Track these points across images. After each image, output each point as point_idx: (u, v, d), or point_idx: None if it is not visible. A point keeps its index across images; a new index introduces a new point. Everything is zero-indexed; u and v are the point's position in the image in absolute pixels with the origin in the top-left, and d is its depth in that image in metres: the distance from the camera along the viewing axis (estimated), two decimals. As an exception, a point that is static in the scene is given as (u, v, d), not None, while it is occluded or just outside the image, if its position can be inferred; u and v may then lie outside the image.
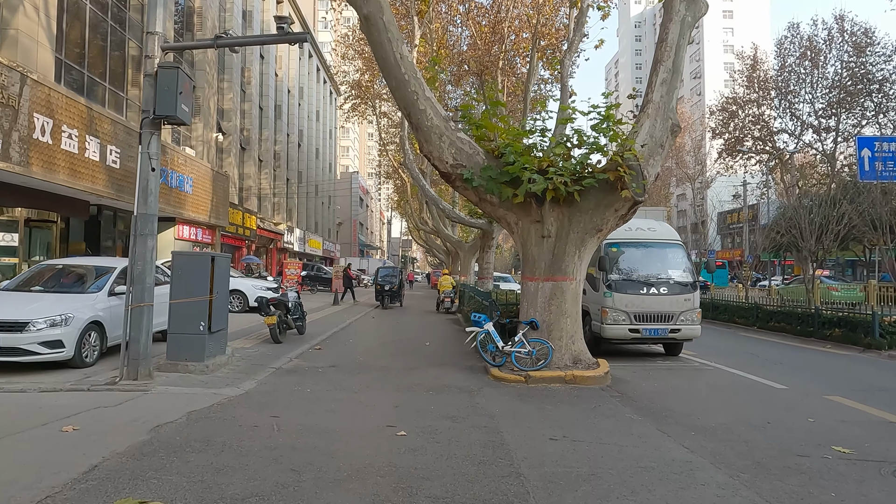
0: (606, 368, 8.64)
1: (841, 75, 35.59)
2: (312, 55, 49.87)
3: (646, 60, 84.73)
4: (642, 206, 10.61)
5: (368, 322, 17.71)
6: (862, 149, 24.68)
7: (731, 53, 72.06)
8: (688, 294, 10.69)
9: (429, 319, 19.05)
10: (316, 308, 21.41)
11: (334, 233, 59.94)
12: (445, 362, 10.07)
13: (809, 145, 39.79)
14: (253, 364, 9.38)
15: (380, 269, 23.80)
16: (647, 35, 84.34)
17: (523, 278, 9.64)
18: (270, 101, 39.20)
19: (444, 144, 9.28)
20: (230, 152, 31.99)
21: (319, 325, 15.98)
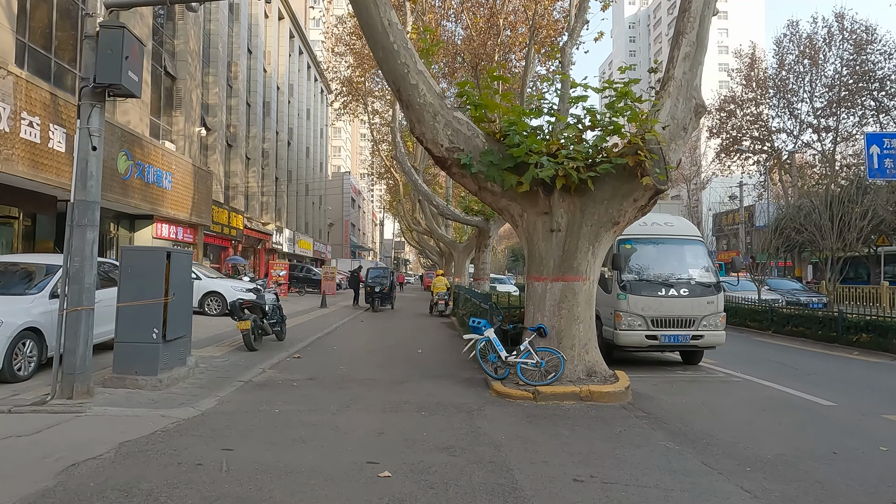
0: (626, 382, 7.41)
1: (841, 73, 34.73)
2: (303, 52, 48.57)
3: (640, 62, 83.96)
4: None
5: (356, 326, 16.44)
6: (870, 146, 23.62)
7: (727, 54, 71.36)
8: (711, 296, 9.50)
9: (421, 323, 17.81)
10: (302, 311, 20.12)
11: (325, 234, 58.54)
12: (440, 373, 8.82)
13: (808, 145, 38.90)
14: (218, 377, 8.09)
15: (370, 270, 22.55)
16: (640, 36, 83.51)
17: (529, 278, 8.42)
18: (259, 98, 37.86)
19: (439, 125, 8.05)
20: (216, 149, 30.64)
21: (303, 329, 14.69)
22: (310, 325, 15.64)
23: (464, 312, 15.63)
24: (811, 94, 36.59)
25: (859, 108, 35.24)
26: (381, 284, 21.53)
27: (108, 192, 17.43)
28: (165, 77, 23.34)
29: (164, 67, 23.07)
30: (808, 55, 36.41)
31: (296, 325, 15.34)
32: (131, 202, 18.58)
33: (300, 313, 19.17)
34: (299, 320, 16.89)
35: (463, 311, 15.93)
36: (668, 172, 7.95)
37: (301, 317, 17.94)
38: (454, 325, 16.89)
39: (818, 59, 36.02)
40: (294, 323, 15.88)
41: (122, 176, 17.96)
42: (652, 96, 8.45)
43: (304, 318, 17.49)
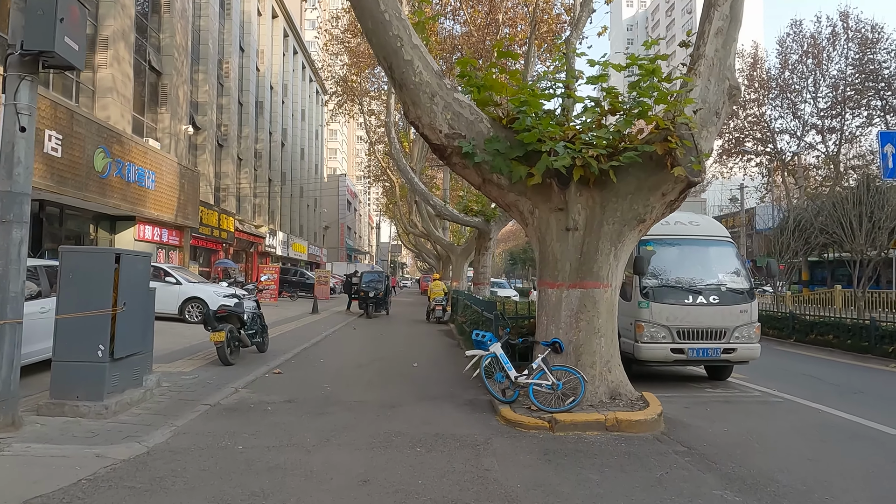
0: (658, 408, 6.26)
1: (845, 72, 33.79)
2: (298, 51, 47.48)
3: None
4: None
5: (348, 334, 15.27)
6: (885, 144, 22.52)
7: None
8: (744, 304, 8.37)
9: (418, 331, 16.65)
10: (292, 317, 18.94)
11: (320, 237, 57.35)
12: (438, 394, 7.66)
13: (812, 146, 37.93)
14: (181, 399, 6.92)
15: (364, 274, 21.38)
16: (638, 39, 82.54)
17: (541, 284, 7.27)
18: (251, 97, 36.71)
19: (437, 107, 6.92)
20: (205, 149, 29.47)
21: (289, 338, 13.52)
22: (297, 334, 14.46)
23: (463, 320, 14.49)
24: (815, 95, 35.63)
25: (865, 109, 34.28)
26: (375, 289, 20.38)
27: (84, 192, 16.25)
28: (150, 72, 22.18)
29: (149, 62, 21.92)
30: (812, 55, 35.45)
31: (282, 334, 14.18)
32: (110, 202, 17.40)
33: (289, 320, 17.99)
34: (287, 328, 15.72)
35: (462, 318, 14.79)
36: (702, 163, 6.84)
37: (289, 324, 16.76)
38: (452, 333, 15.74)
39: (822, 58, 35.07)
40: (280, 331, 14.72)
41: (99, 174, 16.78)
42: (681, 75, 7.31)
43: (293, 326, 16.31)
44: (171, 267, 15.97)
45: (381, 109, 38.81)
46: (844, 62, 34.37)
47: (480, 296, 16.26)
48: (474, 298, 12.96)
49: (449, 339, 14.53)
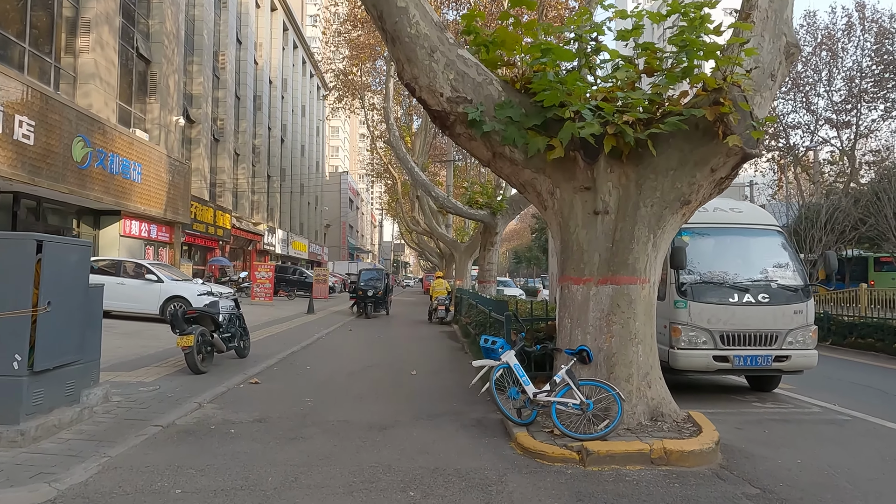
0: (714, 434, 4.98)
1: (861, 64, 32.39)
2: (298, 46, 46.31)
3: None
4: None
5: (343, 337, 14.03)
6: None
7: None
8: (798, 304, 7.09)
9: (418, 333, 15.40)
10: (285, 318, 17.71)
11: (322, 235, 56.18)
12: (439, 411, 6.40)
13: (825, 141, 36.52)
14: (127, 419, 5.69)
15: (362, 272, 20.14)
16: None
17: (563, 280, 6.01)
18: (249, 91, 35.55)
19: (438, 66, 5.68)
20: (200, 142, 28.31)
21: (277, 341, 12.29)
22: (287, 336, 13.22)
23: (467, 321, 13.25)
24: (829, 88, 34.23)
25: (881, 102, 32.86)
26: (374, 288, 19.13)
27: (61, 183, 15.02)
28: (138, 60, 20.98)
29: (137, 49, 20.72)
30: (826, 47, 34.05)
31: (270, 337, 12.95)
32: (91, 195, 16.19)
33: (282, 321, 16.76)
34: (277, 329, 14.49)
35: (467, 319, 13.54)
36: (761, 130, 5.57)
37: (281, 325, 15.53)
38: (456, 335, 14.50)
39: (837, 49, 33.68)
40: (269, 334, 13.50)
41: (78, 164, 15.58)
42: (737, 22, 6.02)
43: (284, 327, 15.08)
44: (152, 263, 14.76)
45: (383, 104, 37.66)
46: (860, 54, 32.97)
47: (486, 294, 15.02)
48: (480, 297, 11.70)
49: (452, 341, 13.28)
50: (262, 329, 14.26)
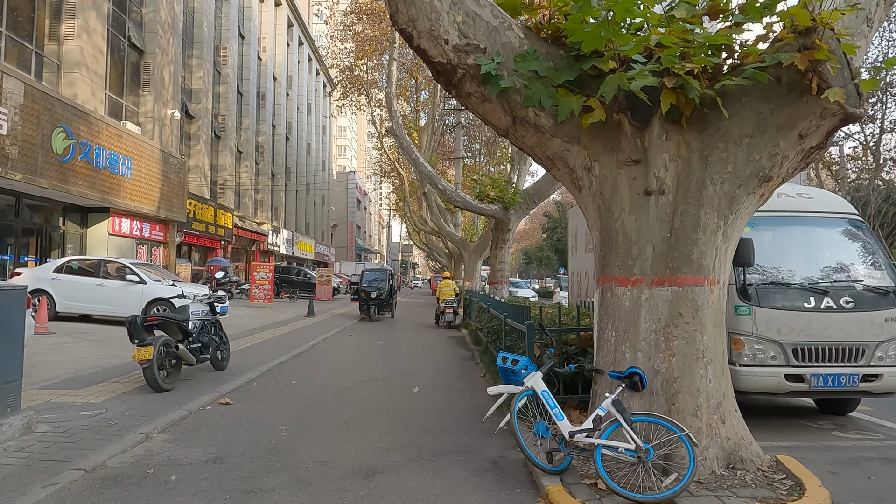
0: (823, 495, 3.61)
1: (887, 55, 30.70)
2: (303, 42, 45.19)
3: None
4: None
5: (340, 343, 12.73)
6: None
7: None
8: (890, 310, 5.69)
9: (424, 338, 14.09)
10: (282, 321, 16.45)
11: (328, 235, 55.05)
12: (444, 446, 5.06)
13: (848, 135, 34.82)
14: (43, 458, 4.40)
15: (365, 273, 18.86)
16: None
17: (604, 280, 4.64)
18: (252, 87, 34.42)
19: (442, 3, 4.36)
20: (199, 139, 27.19)
21: (266, 349, 11.01)
22: (279, 343, 11.94)
23: (478, 326, 11.92)
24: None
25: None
26: (378, 289, 17.83)
27: (40, 176, 13.82)
28: (130, 49, 19.83)
29: (129, 38, 19.57)
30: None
31: (259, 343, 11.68)
32: (73, 189, 15.00)
33: (278, 324, 15.50)
34: (270, 334, 13.23)
35: (477, 323, 12.21)
36: (858, 88, 4.20)
37: (275, 330, 14.27)
38: (465, 342, 13.18)
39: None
40: (259, 339, 12.23)
41: (59, 157, 14.38)
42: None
43: (278, 332, 13.81)
44: (135, 263, 13.54)
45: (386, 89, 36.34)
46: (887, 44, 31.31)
47: (498, 296, 13.69)
48: (493, 301, 10.33)
49: (461, 348, 11.96)
50: (254, 334, 13.01)
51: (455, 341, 13.26)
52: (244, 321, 15.71)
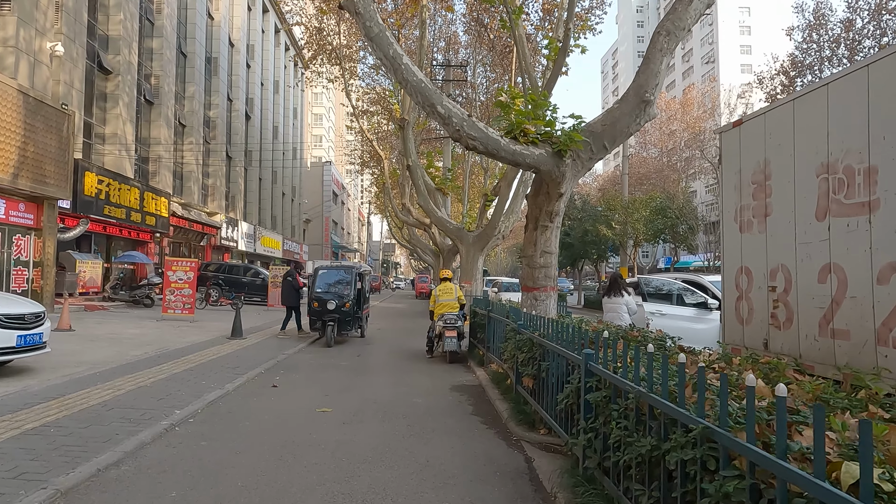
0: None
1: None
2: (269, 10, 38.45)
3: (649, 48, 74.31)
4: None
5: (244, 410, 6.37)
6: None
7: (748, 35, 62.06)
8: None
9: (411, 388, 7.84)
10: (184, 348, 9.94)
11: (300, 231, 48.31)
12: None
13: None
14: None
15: (319, 272, 12.28)
16: (650, 20, 74.05)
17: None
18: (200, 49, 27.71)
19: None
20: (118, 100, 20.49)
21: (105, 423, 4.56)
22: (107, 415, 5.50)
23: (511, 364, 5.74)
24: None
25: None
26: (338, 297, 11.44)
27: None
28: (-24, -56, 13.23)
29: (-27, -74, 12.97)
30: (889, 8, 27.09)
31: (96, 407, 5.23)
32: None
33: (167, 356, 9.01)
34: (127, 384, 6.75)
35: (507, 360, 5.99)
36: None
37: (151, 370, 7.79)
38: (483, 392, 6.99)
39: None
40: (86, 402, 5.78)
41: None
42: None
43: (151, 376, 7.33)
44: None
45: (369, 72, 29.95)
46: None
47: (540, 312, 7.50)
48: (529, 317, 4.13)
49: (484, 416, 5.75)
50: (93, 387, 6.55)
51: (470, 398, 6.99)
52: (114, 350, 9.26)
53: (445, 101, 7.02)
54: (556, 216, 7.95)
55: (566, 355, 4.16)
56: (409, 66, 7.19)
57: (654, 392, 2.68)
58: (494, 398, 6.59)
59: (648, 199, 25.68)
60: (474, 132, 6.94)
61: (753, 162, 4.76)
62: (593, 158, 7.88)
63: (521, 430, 5.19)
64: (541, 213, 7.93)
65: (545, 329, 4.99)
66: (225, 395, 6.72)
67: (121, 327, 12.50)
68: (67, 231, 18.03)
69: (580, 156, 7.63)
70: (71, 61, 17.52)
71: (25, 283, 13.94)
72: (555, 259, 8.14)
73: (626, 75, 76.26)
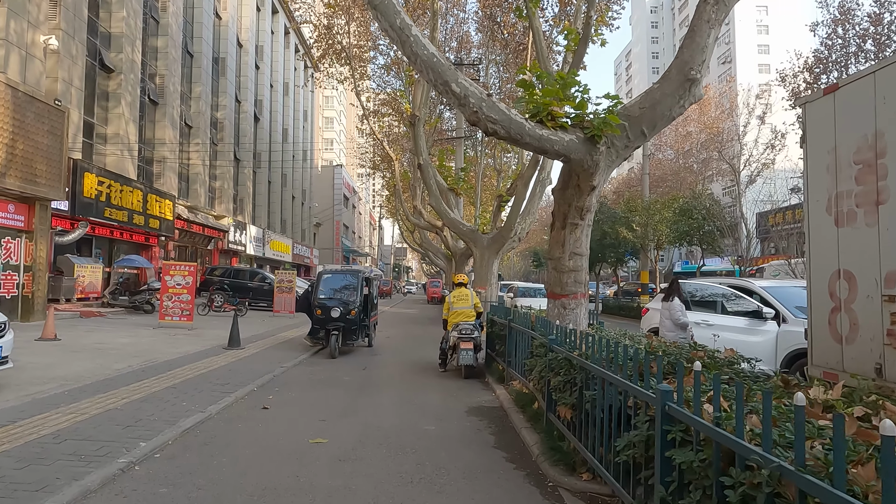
0: None
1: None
2: (278, 11, 37.80)
3: (663, 48, 73.10)
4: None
5: (228, 441, 5.40)
6: None
7: (766, 34, 60.48)
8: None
9: (424, 408, 6.85)
10: (173, 360, 9.01)
11: (311, 235, 47.54)
12: None
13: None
14: None
15: (323, 277, 11.29)
16: (664, 21, 72.65)
17: None
18: (206, 48, 27.04)
19: None
20: (121, 99, 19.78)
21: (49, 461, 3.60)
22: (87, 435, 4.54)
23: (535, 384, 4.73)
24: None
25: None
26: (343, 304, 10.47)
27: None
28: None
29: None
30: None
31: (46, 439, 4.28)
32: None
33: (154, 371, 8.07)
34: (95, 405, 5.81)
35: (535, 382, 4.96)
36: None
37: (130, 388, 6.85)
38: (503, 412, 5.99)
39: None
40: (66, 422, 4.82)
41: None
42: None
43: (127, 397, 6.39)
44: None
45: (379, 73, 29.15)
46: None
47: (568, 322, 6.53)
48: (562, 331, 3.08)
49: (509, 450, 4.72)
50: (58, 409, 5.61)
51: (491, 424, 5.96)
52: (95, 362, 8.34)
53: (461, 78, 6.02)
54: (588, 212, 6.91)
55: (626, 388, 3.13)
56: (419, 39, 6.20)
57: (809, 471, 1.65)
58: (520, 426, 5.55)
59: (671, 200, 24.46)
60: (495, 114, 5.92)
61: (857, 136, 3.71)
62: (629, 147, 6.84)
63: (557, 474, 4.15)
64: (570, 210, 6.90)
65: (590, 348, 3.95)
66: (206, 419, 5.75)
67: (112, 336, 11.62)
68: (66, 234, 17.29)
69: (615, 143, 6.60)
70: (70, 58, 16.81)
71: (16, 288, 13.14)
72: (585, 262, 7.10)
73: (640, 77, 74.80)
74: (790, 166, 40.53)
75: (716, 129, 47.06)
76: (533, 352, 5.73)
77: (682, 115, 33.79)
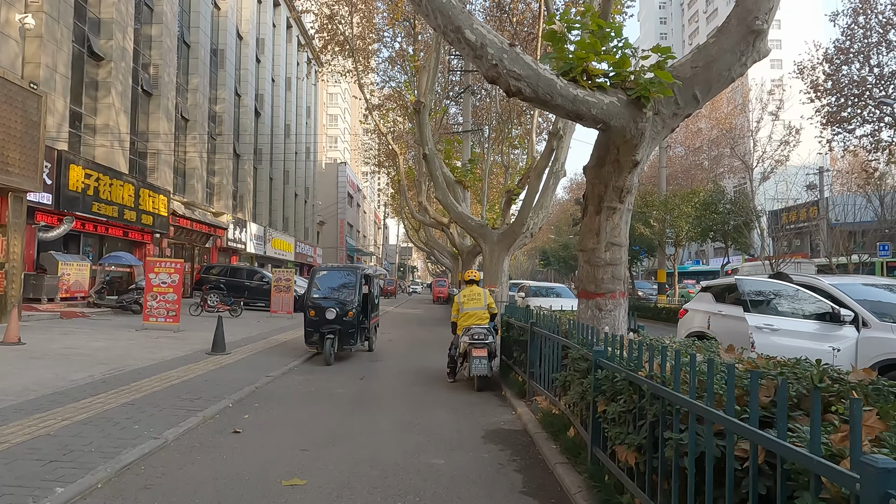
0: None
1: None
2: (280, 3, 36.67)
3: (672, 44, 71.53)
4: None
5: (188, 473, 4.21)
6: None
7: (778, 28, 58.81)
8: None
9: (430, 432, 5.67)
10: (146, 367, 7.84)
11: (314, 233, 46.44)
12: None
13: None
14: None
15: (319, 274, 10.08)
16: (673, 17, 71.10)
17: None
18: (204, 39, 25.94)
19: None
20: (111, 88, 18.68)
21: None
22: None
23: (571, 408, 3.50)
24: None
25: None
26: (340, 304, 9.29)
27: None
28: None
29: None
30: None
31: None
32: None
33: (116, 382, 6.90)
34: (28, 429, 4.63)
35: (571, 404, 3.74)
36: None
37: (83, 403, 5.68)
38: (528, 438, 4.77)
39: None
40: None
41: None
42: None
43: (70, 417, 5.22)
44: None
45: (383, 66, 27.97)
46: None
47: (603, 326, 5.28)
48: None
49: (542, 497, 3.53)
50: None
51: (515, 455, 4.73)
52: (52, 372, 7.18)
53: (476, 24, 4.79)
54: (628, 194, 5.69)
55: (753, 437, 1.92)
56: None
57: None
58: (554, 460, 4.31)
59: (691, 194, 23.15)
60: (519, 68, 4.68)
61: None
62: (678, 115, 5.61)
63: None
64: (606, 190, 5.68)
65: (670, 370, 2.73)
66: (158, 449, 4.57)
67: (86, 339, 10.47)
68: (50, 230, 16.21)
69: (662, 109, 5.38)
70: (54, 42, 15.72)
71: (-14, 286, 12.03)
72: (625, 254, 5.89)
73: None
74: (806, 161, 39.12)
75: (728, 125, 45.68)
76: (571, 366, 4.50)
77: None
